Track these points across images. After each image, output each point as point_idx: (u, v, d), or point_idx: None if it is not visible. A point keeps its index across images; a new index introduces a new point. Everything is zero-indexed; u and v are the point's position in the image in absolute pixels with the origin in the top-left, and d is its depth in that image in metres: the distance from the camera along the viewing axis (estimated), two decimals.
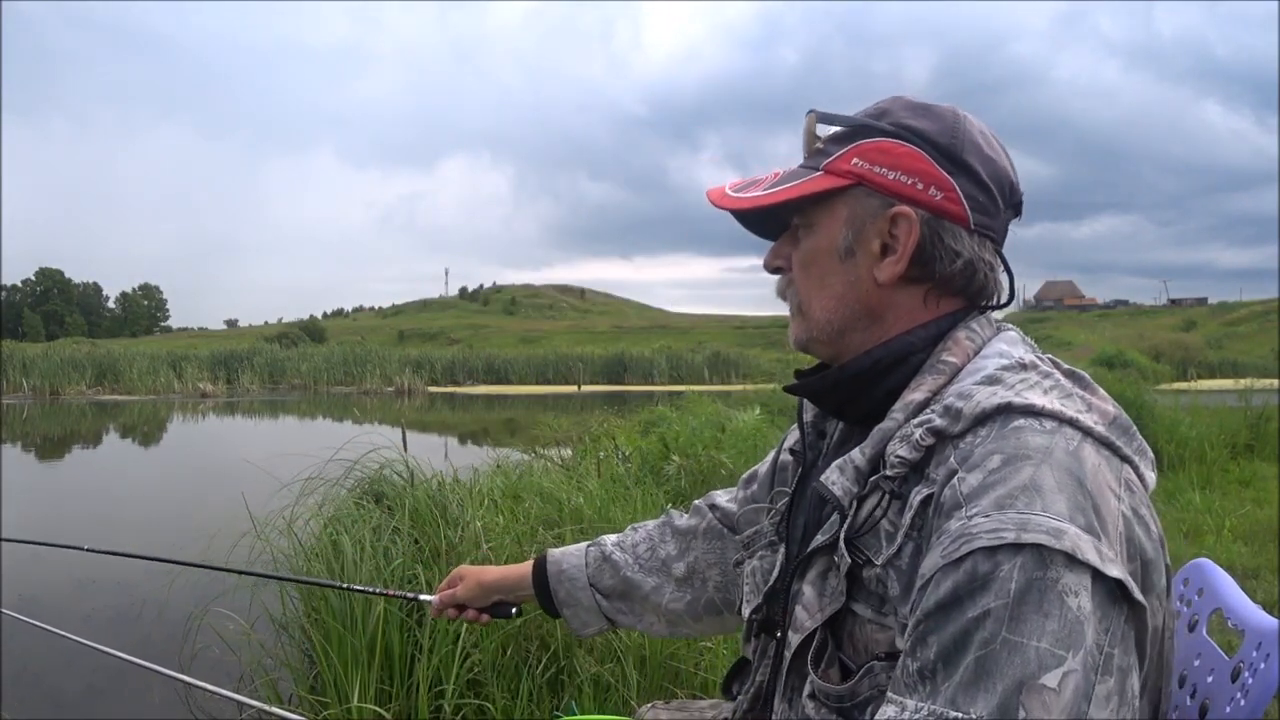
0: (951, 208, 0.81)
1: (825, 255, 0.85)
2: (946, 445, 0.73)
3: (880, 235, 0.82)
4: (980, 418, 0.72)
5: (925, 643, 0.65)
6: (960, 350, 0.80)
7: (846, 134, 0.85)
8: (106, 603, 4.64)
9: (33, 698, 3.39)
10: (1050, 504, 0.64)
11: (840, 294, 0.84)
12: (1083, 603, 0.61)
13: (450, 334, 76.30)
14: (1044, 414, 0.71)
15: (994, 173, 0.82)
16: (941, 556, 0.66)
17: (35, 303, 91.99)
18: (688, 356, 34.60)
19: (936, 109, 0.84)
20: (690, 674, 2.56)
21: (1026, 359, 0.78)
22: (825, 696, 0.78)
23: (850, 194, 0.83)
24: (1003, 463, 0.68)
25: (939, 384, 0.78)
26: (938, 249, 0.81)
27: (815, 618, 0.79)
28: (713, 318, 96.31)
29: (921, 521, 0.72)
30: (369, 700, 2.52)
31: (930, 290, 0.83)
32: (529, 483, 4.05)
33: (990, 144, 0.83)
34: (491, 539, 3.03)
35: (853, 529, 0.77)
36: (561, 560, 1.25)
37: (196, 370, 26.87)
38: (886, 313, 0.84)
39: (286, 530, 3.25)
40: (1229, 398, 9.80)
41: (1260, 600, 1.24)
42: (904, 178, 0.81)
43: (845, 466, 0.79)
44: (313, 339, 56.33)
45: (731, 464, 4.70)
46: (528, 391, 28.92)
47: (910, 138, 0.81)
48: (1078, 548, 0.62)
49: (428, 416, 19.27)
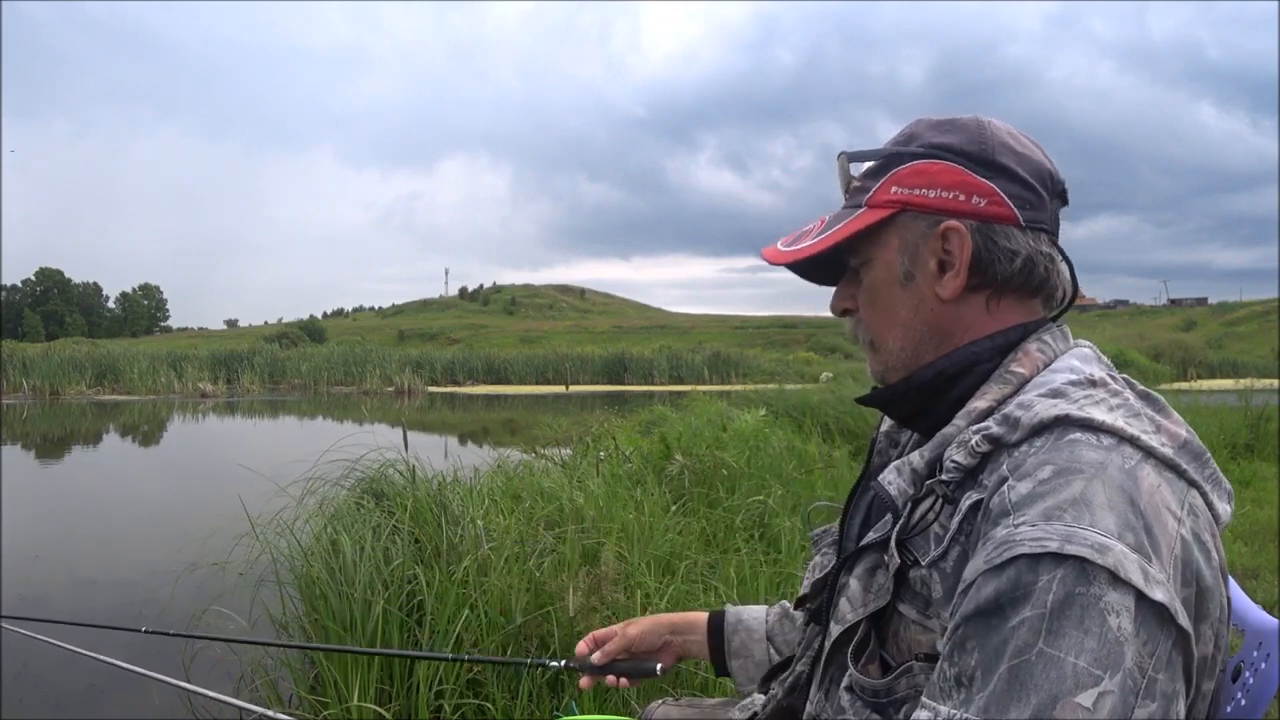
0: (998, 210, 0.81)
1: (887, 286, 0.86)
2: (1001, 453, 0.73)
3: (935, 254, 0.83)
4: (1037, 428, 0.72)
5: (964, 648, 0.65)
6: (1030, 362, 0.81)
7: (880, 166, 0.86)
8: (106, 603, 4.64)
9: (33, 699, 3.39)
10: (1098, 520, 0.64)
11: (907, 320, 0.86)
12: (1123, 623, 0.61)
13: (450, 334, 76.28)
14: (1103, 429, 0.70)
15: (1030, 167, 0.83)
16: (984, 562, 0.66)
17: (35, 303, 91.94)
18: (688, 356, 34.55)
19: (959, 121, 0.85)
20: (691, 674, 2.56)
21: (1097, 376, 0.78)
22: (862, 690, 0.79)
23: (897, 222, 0.84)
24: (1054, 474, 0.68)
25: (1004, 394, 0.78)
26: (994, 253, 0.81)
27: (858, 611, 0.81)
28: (712, 317, 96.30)
29: (969, 526, 0.72)
30: (369, 700, 2.52)
31: (992, 295, 0.84)
32: (529, 482, 4.05)
33: (1019, 140, 0.84)
34: (492, 539, 3.03)
35: (905, 530, 0.77)
36: (741, 612, 1.24)
37: (196, 370, 26.87)
38: (954, 326, 0.84)
39: (286, 531, 3.25)
40: (1229, 398, 9.80)
41: (1260, 600, 1.24)
42: (945, 193, 0.82)
43: (903, 468, 0.80)
44: (313, 339, 56.32)
45: (734, 464, 4.69)
46: (527, 391, 28.92)
47: (941, 154, 0.82)
48: (1121, 566, 0.62)
49: (428, 416, 19.26)
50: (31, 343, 44.79)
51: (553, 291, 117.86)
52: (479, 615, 2.71)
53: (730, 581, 3.14)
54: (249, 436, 15.18)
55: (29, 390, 22.94)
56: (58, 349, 30.14)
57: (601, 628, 1.27)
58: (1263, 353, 41.67)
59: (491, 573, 2.82)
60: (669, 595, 2.82)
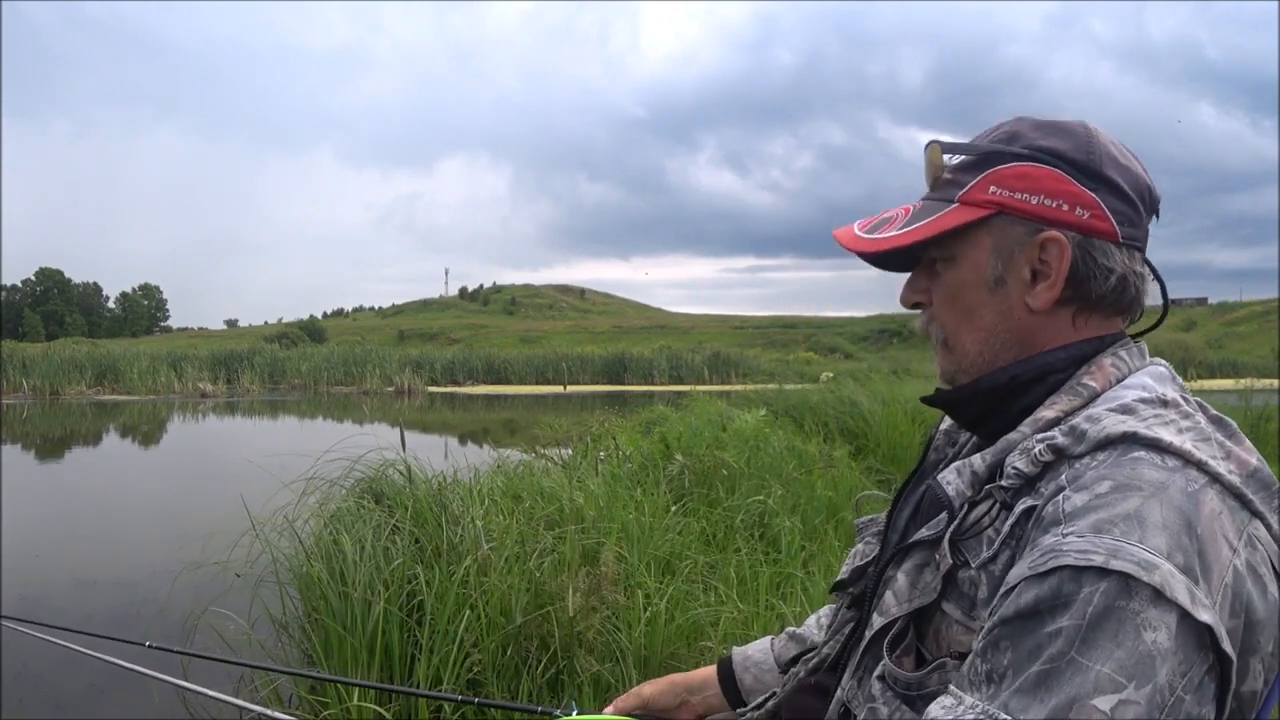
0: (1099, 225, 0.79)
1: (973, 287, 0.84)
2: (1062, 464, 0.72)
3: (1030, 262, 0.81)
4: (1103, 443, 0.71)
5: (998, 648, 0.65)
6: (1103, 376, 0.79)
7: (975, 162, 0.83)
8: (106, 603, 4.64)
9: (33, 699, 3.39)
10: (1149, 537, 0.63)
11: (991, 325, 0.84)
12: (1159, 639, 0.60)
13: (450, 334, 76.30)
14: (1169, 451, 0.69)
15: (1133, 182, 0.81)
16: (1029, 568, 0.66)
17: (35, 303, 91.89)
18: (688, 356, 34.56)
19: (1067, 125, 0.82)
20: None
21: (1169, 396, 0.76)
22: (894, 681, 0.79)
23: (992, 223, 0.82)
24: (1111, 489, 0.67)
25: (1074, 405, 0.78)
26: (1091, 269, 0.80)
27: (903, 606, 0.81)
28: (712, 317, 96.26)
29: (1021, 531, 0.72)
30: (369, 700, 2.52)
31: (1080, 310, 0.82)
32: (529, 482, 4.05)
33: (1123, 153, 0.82)
34: (492, 539, 3.03)
35: (959, 531, 0.77)
36: (746, 650, 1.23)
37: (196, 370, 26.87)
38: (1036, 337, 0.83)
39: (287, 530, 3.25)
40: (1229, 398, 9.81)
41: None
42: (1048, 201, 0.79)
43: (963, 470, 0.80)
44: (313, 339, 56.32)
45: (734, 464, 4.69)
46: (527, 391, 28.93)
47: (1047, 158, 0.80)
48: (1167, 584, 0.61)
49: (428, 416, 19.26)
50: (31, 343, 44.79)
51: (553, 291, 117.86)
52: (479, 615, 2.71)
53: (730, 581, 3.14)
54: (249, 436, 15.18)
55: (29, 390, 22.94)
56: (58, 349, 30.15)
57: (601, 628, 1.26)
58: (1262, 353, 41.70)
59: (492, 573, 2.82)
60: (669, 595, 2.82)
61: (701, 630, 2.76)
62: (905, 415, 7.65)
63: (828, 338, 61.86)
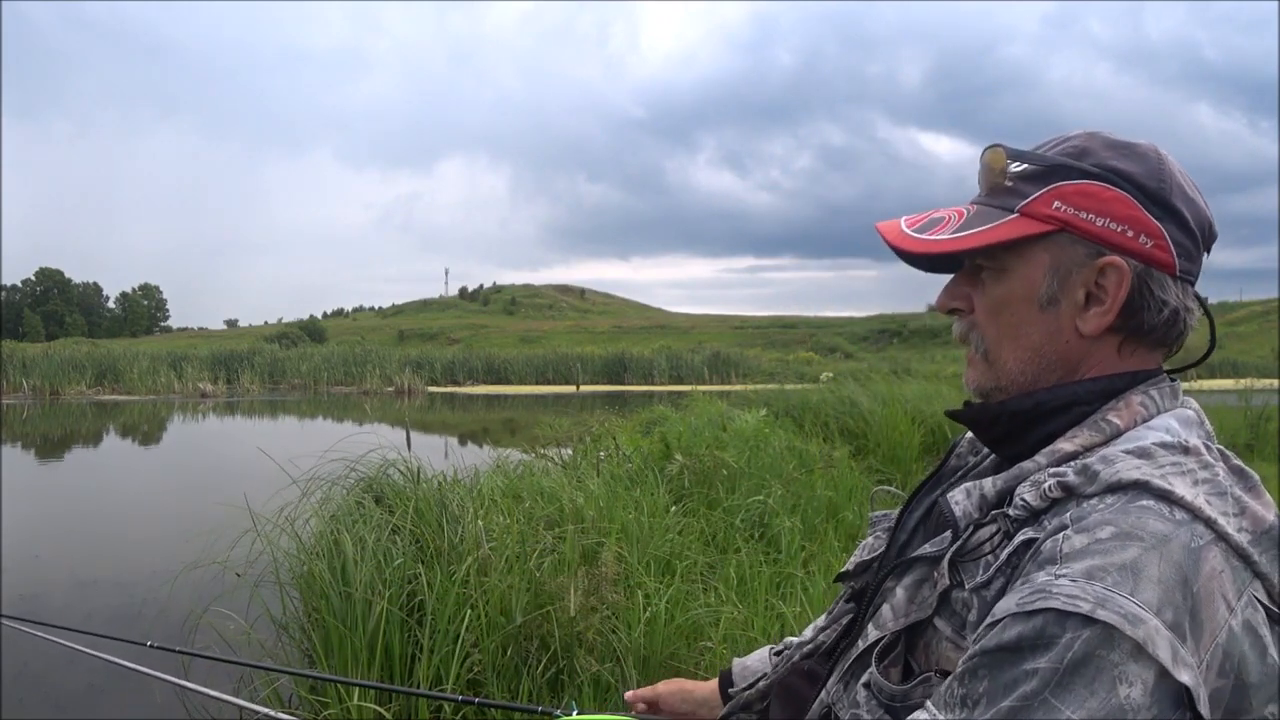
0: (1161, 256, 0.77)
1: (1022, 303, 0.81)
2: (1070, 501, 0.71)
3: (1085, 285, 0.78)
4: (1113, 486, 0.70)
5: (976, 675, 0.66)
6: (1129, 414, 0.78)
7: (1041, 173, 0.80)
8: (107, 602, 4.64)
9: (33, 698, 3.39)
10: (1141, 590, 0.63)
11: (1038, 345, 0.81)
12: (1134, 694, 0.60)
13: (450, 334, 76.27)
14: (1179, 504, 0.68)
15: (1197, 216, 0.79)
16: (1016, 604, 0.66)
17: (35, 303, 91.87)
18: (688, 356, 34.57)
19: (1139, 148, 0.79)
20: (691, 674, 2.56)
21: (1191, 443, 0.74)
22: (879, 691, 0.79)
23: (1052, 240, 0.79)
24: (1112, 535, 0.66)
25: (1093, 441, 0.76)
26: (1146, 300, 0.78)
27: (899, 620, 0.80)
28: (712, 317, 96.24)
29: (1017, 561, 0.71)
30: (369, 700, 2.52)
31: (1127, 340, 0.80)
32: (530, 482, 4.05)
33: (1191, 185, 0.80)
34: (492, 539, 3.03)
35: (960, 551, 0.77)
36: (746, 660, 1.23)
37: (196, 370, 26.87)
38: (1081, 363, 0.81)
39: (288, 529, 3.25)
40: (1229, 398, 9.82)
41: None
42: (1114, 225, 0.77)
43: (973, 491, 0.79)
44: (313, 339, 56.33)
45: (734, 464, 4.69)
46: (527, 391, 28.92)
47: (1117, 180, 0.77)
48: (1151, 640, 0.61)
49: (428, 416, 19.26)
50: (31, 343, 44.80)
51: (553, 291, 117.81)
52: (479, 615, 2.71)
53: (730, 582, 3.14)
54: (249, 436, 15.18)
55: (29, 390, 22.94)
56: (58, 349, 30.16)
57: (601, 628, 1.27)
58: (1263, 353, 41.66)
59: (492, 573, 2.82)
60: (669, 595, 2.82)
61: (701, 630, 2.76)
62: (905, 415, 7.66)
63: (828, 338, 61.87)
